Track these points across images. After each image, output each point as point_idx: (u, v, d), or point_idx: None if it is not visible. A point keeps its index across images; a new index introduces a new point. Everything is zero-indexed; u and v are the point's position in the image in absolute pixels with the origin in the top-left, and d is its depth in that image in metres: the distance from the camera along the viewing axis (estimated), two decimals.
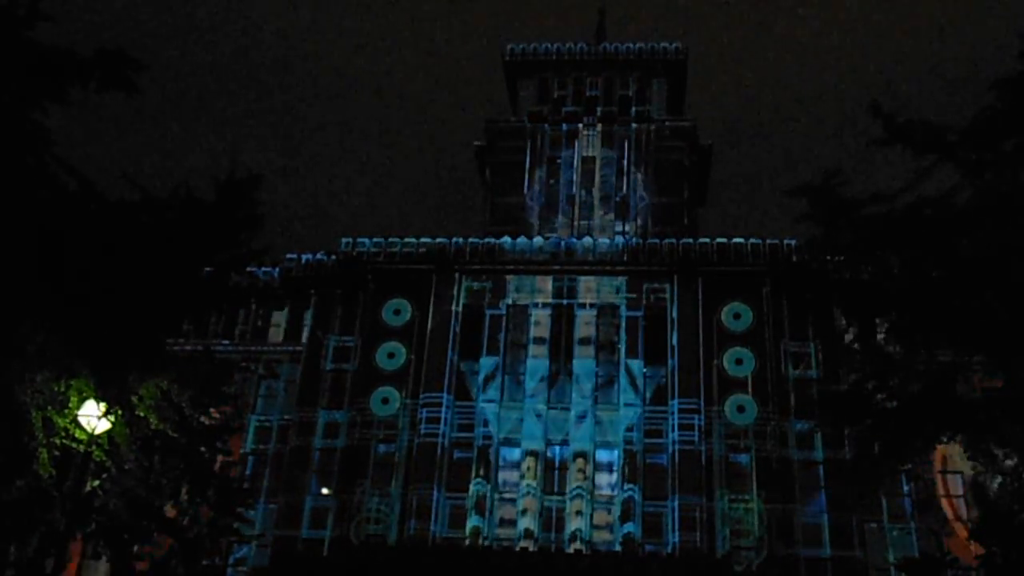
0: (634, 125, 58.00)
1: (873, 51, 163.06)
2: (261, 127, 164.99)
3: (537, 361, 47.94)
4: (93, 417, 22.63)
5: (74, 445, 24.00)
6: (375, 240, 51.35)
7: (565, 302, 49.11)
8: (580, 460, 45.50)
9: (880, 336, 22.51)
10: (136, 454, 27.95)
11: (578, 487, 44.57)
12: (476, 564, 39.34)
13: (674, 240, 50.28)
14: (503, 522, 44.54)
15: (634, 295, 48.95)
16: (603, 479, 45.70)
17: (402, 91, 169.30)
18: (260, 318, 51.24)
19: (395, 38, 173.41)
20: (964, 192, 20.37)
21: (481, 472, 45.42)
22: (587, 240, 51.16)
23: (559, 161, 57.92)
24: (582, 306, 48.97)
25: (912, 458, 24.66)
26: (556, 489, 45.38)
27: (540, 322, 48.86)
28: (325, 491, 45.84)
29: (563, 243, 50.60)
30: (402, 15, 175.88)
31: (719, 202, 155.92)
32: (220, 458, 36.29)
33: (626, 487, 44.43)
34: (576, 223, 55.51)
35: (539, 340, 48.39)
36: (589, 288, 49.32)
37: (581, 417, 46.42)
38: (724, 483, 43.66)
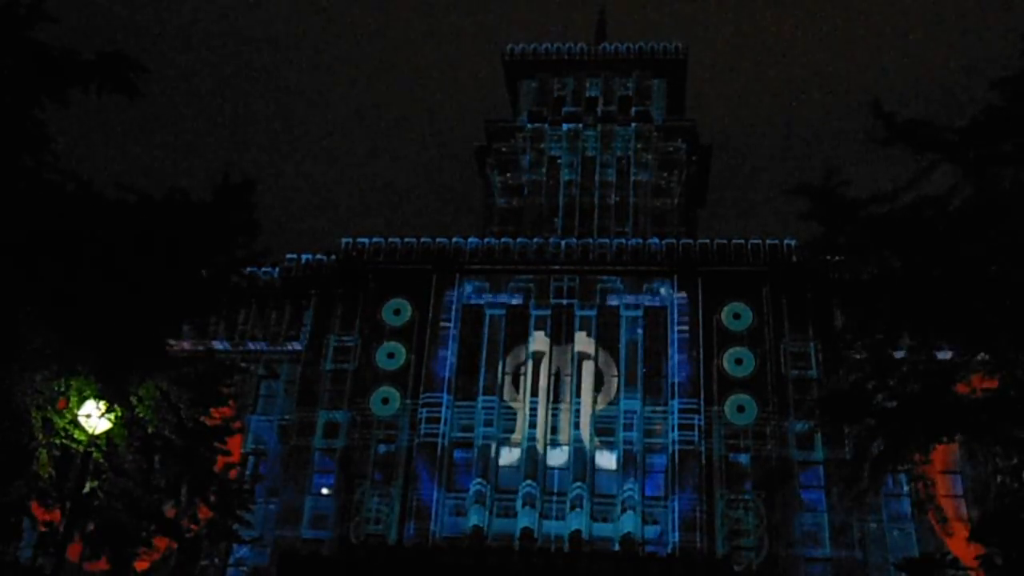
0: (634, 125, 57.95)
1: (873, 51, 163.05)
2: (261, 127, 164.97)
3: (537, 361, 47.91)
4: (93, 417, 22.62)
5: (74, 445, 23.99)
6: (375, 240, 51.31)
7: (565, 302, 49.07)
8: (580, 460, 45.47)
9: (880, 336, 22.43)
10: (135, 455, 27.93)
11: (578, 487, 44.55)
12: (476, 564, 39.34)
13: (674, 240, 50.27)
14: (503, 522, 44.51)
15: (634, 295, 48.94)
16: (603, 479, 45.67)
17: (402, 91, 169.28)
18: (260, 318, 51.16)
19: (395, 38, 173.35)
20: (964, 192, 20.37)
21: (481, 472, 45.39)
22: (587, 240, 51.14)
23: (559, 161, 57.89)
24: (582, 306, 48.92)
25: (912, 458, 24.62)
26: (556, 489, 45.35)
27: (540, 322, 48.83)
28: (325, 491, 45.82)
29: (563, 243, 50.56)
30: (402, 15, 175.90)
31: (719, 202, 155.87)
32: (220, 458, 36.28)
33: (626, 487, 44.41)
34: (576, 223, 55.47)
35: (539, 340, 48.35)
36: (589, 288, 49.28)
37: (581, 417, 46.38)
38: (724, 483, 43.65)
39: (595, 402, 46.83)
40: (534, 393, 47.15)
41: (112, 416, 23.35)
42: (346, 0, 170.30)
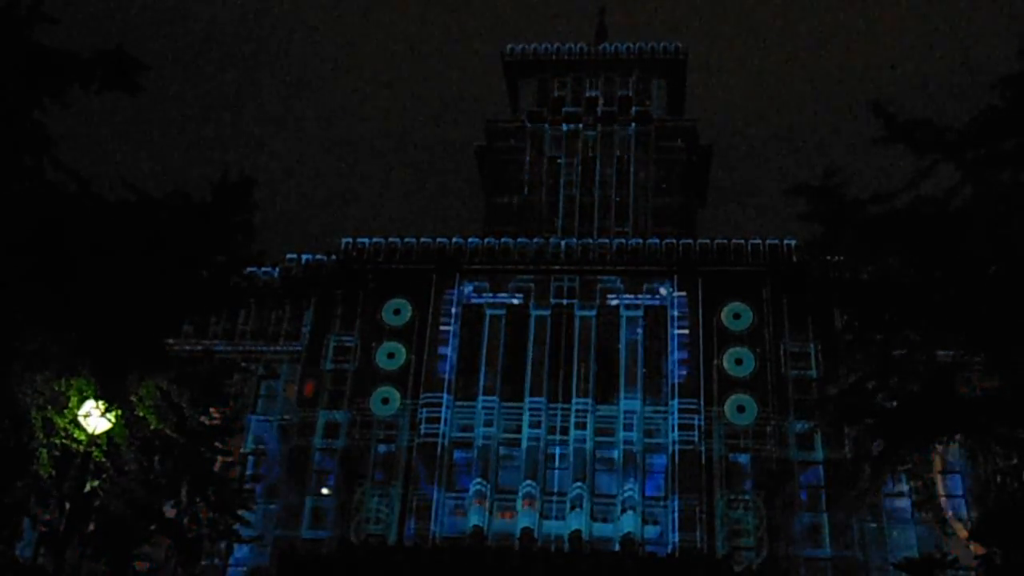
0: (634, 125, 57.98)
1: (873, 51, 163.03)
2: (261, 127, 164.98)
3: (537, 361, 47.91)
4: (93, 417, 22.63)
5: (74, 445, 24.00)
6: (375, 240, 51.30)
7: (565, 302, 49.08)
8: (580, 460, 45.48)
9: (880, 336, 22.45)
10: (136, 455, 27.96)
11: (578, 487, 44.56)
12: (476, 564, 39.33)
13: (674, 240, 50.25)
14: (503, 522, 44.51)
15: (634, 295, 48.94)
16: (603, 479, 45.67)
17: (402, 91, 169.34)
18: (260, 318, 51.14)
19: (395, 38, 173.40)
20: (964, 192, 20.37)
21: (481, 472, 45.38)
22: (587, 240, 51.17)
23: (559, 161, 57.92)
24: (582, 306, 48.93)
25: (911, 458, 24.65)
26: (556, 489, 45.36)
27: (540, 322, 48.85)
28: (325, 491, 45.83)
29: (563, 243, 50.57)
30: (402, 15, 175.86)
31: (719, 202, 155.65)
32: (220, 458, 36.33)
33: (626, 487, 44.42)
34: (576, 223, 55.49)
35: (539, 340, 48.36)
36: (589, 288, 49.29)
37: (581, 417, 46.39)
38: (724, 483, 43.64)
39: (595, 402, 46.83)
40: (534, 393, 47.16)
41: (112, 416, 23.37)
42: (346, 0, 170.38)
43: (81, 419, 22.83)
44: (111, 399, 23.58)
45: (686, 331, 47.03)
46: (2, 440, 23.66)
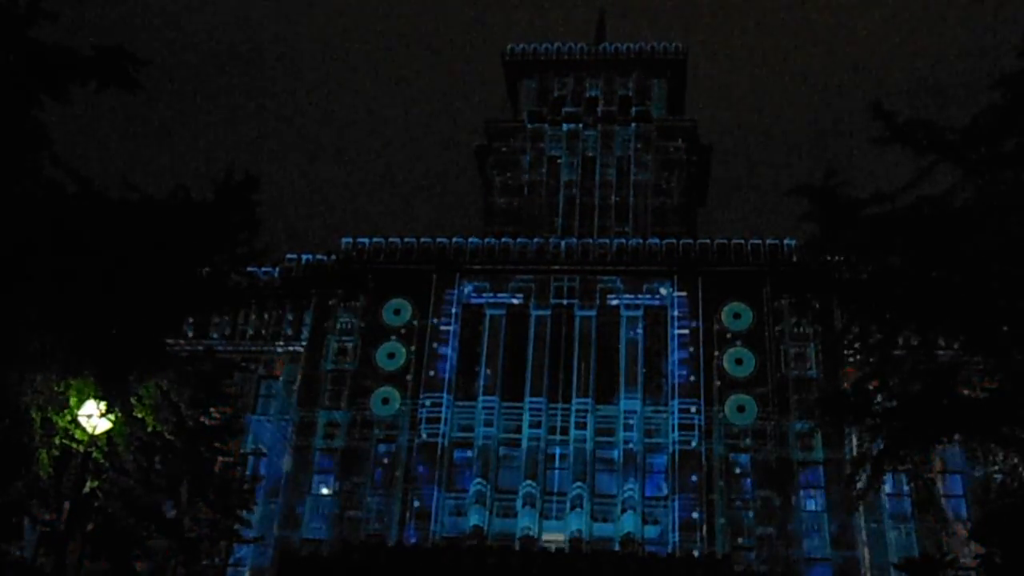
0: (634, 125, 57.98)
1: (873, 51, 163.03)
2: (261, 127, 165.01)
3: (537, 361, 47.90)
4: (93, 417, 22.61)
5: (74, 445, 23.98)
6: (375, 240, 51.29)
7: (565, 302, 49.07)
8: (580, 460, 45.46)
9: (880, 336, 22.44)
10: (135, 455, 27.94)
11: (578, 487, 44.55)
12: (476, 564, 39.32)
13: (674, 240, 50.25)
14: (503, 522, 44.49)
15: (634, 295, 48.92)
16: (603, 479, 45.66)
17: (402, 91, 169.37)
18: (260, 318, 51.11)
19: (395, 38, 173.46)
20: (964, 192, 20.35)
21: (481, 472, 45.37)
22: (587, 240, 51.16)
23: (559, 161, 57.93)
24: (582, 306, 48.91)
25: (912, 458, 24.62)
26: (556, 489, 45.35)
27: (540, 322, 48.84)
28: (325, 491, 45.84)
29: (563, 243, 50.56)
30: (402, 15, 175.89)
31: (719, 202, 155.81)
32: (220, 458, 36.31)
33: (626, 487, 44.41)
34: (576, 223, 55.48)
35: (539, 340, 48.35)
36: (589, 288, 49.28)
37: (581, 417, 46.38)
38: (724, 483, 43.64)
39: (595, 402, 46.81)
40: (534, 393, 47.14)
41: (112, 416, 23.35)
42: (347, 0, 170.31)
43: (81, 419, 22.81)
44: (111, 399, 23.56)
45: (686, 331, 47.01)
46: (2, 440, 23.64)
